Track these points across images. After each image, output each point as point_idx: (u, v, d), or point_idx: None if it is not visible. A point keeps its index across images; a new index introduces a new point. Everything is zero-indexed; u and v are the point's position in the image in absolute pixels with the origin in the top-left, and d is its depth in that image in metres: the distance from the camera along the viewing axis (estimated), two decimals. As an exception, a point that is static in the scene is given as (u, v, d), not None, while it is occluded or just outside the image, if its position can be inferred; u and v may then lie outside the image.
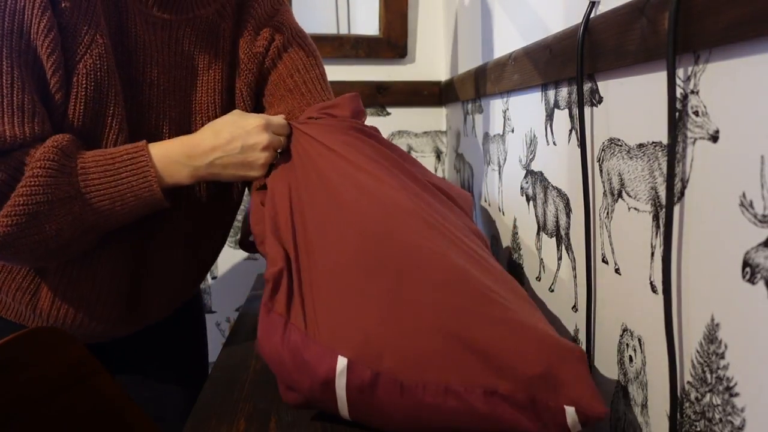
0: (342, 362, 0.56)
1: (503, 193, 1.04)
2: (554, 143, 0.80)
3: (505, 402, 0.54)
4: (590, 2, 0.64)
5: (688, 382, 0.51)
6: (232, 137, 0.69)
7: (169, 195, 0.70)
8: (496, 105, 1.07)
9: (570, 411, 0.53)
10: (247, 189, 0.88)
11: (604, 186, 0.66)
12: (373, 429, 0.61)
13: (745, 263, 0.44)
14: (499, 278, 0.65)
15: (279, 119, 0.74)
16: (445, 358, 0.56)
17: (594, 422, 0.54)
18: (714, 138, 0.47)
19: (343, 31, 1.53)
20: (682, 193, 0.51)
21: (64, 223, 0.63)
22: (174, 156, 0.68)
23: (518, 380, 0.55)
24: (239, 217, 1.51)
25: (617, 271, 0.64)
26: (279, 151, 0.74)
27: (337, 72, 1.48)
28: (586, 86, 0.69)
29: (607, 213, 0.65)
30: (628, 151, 0.60)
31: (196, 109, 0.77)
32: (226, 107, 0.79)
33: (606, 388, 0.68)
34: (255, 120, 0.70)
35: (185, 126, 0.77)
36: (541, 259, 0.87)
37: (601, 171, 0.66)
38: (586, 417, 0.54)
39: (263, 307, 0.62)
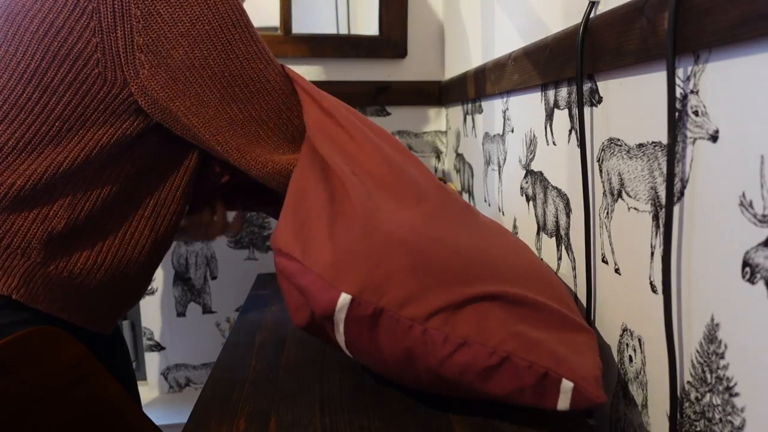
0: (345, 298, 0.56)
1: (503, 193, 1.04)
2: (554, 143, 0.80)
3: (517, 370, 0.54)
4: (590, 2, 0.64)
5: (688, 382, 0.51)
6: None
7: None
8: (496, 105, 1.07)
9: (566, 386, 0.53)
10: None
11: (603, 186, 0.66)
12: (373, 417, 0.61)
13: (745, 263, 0.44)
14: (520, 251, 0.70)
15: None
16: (468, 310, 0.56)
17: (589, 405, 0.53)
18: (714, 138, 0.47)
19: (343, 31, 1.52)
20: (682, 193, 0.51)
21: None
22: None
23: (541, 352, 0.54)
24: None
25: (617, 271, 0.64)
26: None
27: (337, 72, 1.48)
28: (586, 86, 0.69)
29: (607, 213, 0.65)
30: (628, 151, 0.60)
31: None
32: None
33: (606, 388, 0.68)
34: None
35: None
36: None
37: (600, 171, 0.66)
38: (582, 397, 0.53)
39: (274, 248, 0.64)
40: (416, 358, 0.56)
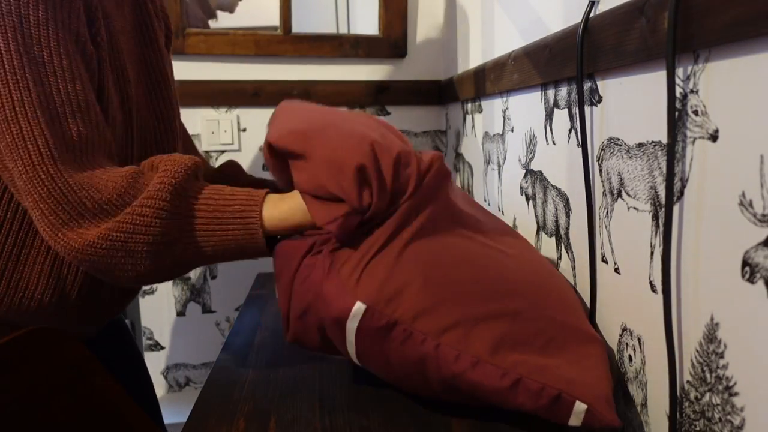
0: (359, 307, 0.56)
1: (503, 193, 1.04)
2: (554, 143, 0.80)
3: (529, 392, 0.54)
4: (590, 2, 0.64)
5: (688, 382, 0.51)
6: None
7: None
8: (496, 104, 1.07)
9: (579, 408, 0.53)
10: None
11: (603, 185, 0.66)
12: (373, 418, 0.61)
13: (745, 263, 0.44)
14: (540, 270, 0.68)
15: None
16: (478, 327, 0.56)
17: (601, 427, 0.53)
18: (713, 137, 0.47)
19: (343, 30, 1.53)
20: (682, 193, 0.51)
21: (159, 262, 0.61)
22: (290, 222, 0.65)
23: (553, 374, 0.54)
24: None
25: (617, 270, 0.64)
26: None
27: (337, 72, 1.48)
28: (586, 86, 0.69)
29: (607, 212, 0.65)
30: (628, 151, 0.60)
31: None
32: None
33: (606, 387, 0.68)
34: None
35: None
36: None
37: (600, 170, 0.66)
38: (594, 419, 0.53)
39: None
40: (428, 370, 0.56)
